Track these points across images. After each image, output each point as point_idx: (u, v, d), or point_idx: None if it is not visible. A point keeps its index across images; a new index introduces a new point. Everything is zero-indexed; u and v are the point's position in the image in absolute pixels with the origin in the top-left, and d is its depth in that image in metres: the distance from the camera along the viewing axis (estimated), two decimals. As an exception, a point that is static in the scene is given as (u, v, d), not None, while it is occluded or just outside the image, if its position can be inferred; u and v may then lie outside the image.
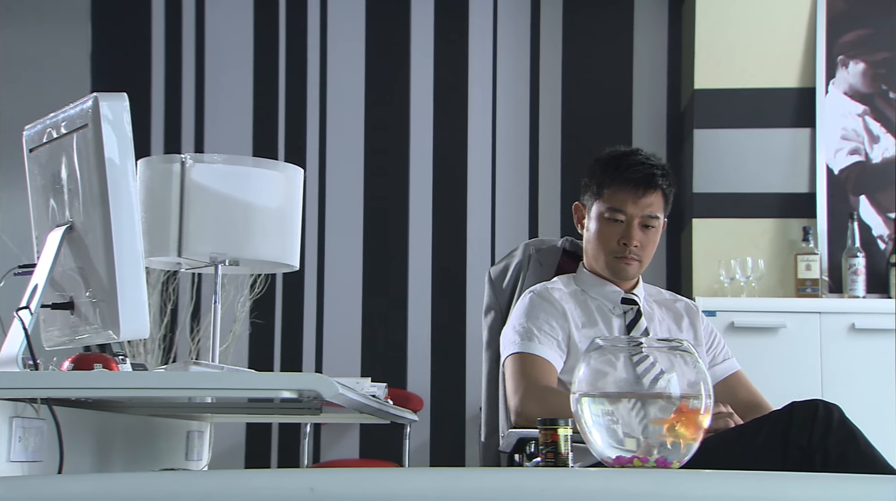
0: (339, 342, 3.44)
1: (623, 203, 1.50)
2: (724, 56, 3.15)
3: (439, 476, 0.89)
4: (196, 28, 3.53)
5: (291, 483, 0.89)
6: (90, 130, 1.08)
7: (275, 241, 1.75)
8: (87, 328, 1.13)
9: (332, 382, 0.99)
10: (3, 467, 0.99)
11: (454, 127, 3.48)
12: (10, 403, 1.01)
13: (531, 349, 1.44)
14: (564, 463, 0.98)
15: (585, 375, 0.98)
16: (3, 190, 3.45)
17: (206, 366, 1.12)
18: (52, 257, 1.11)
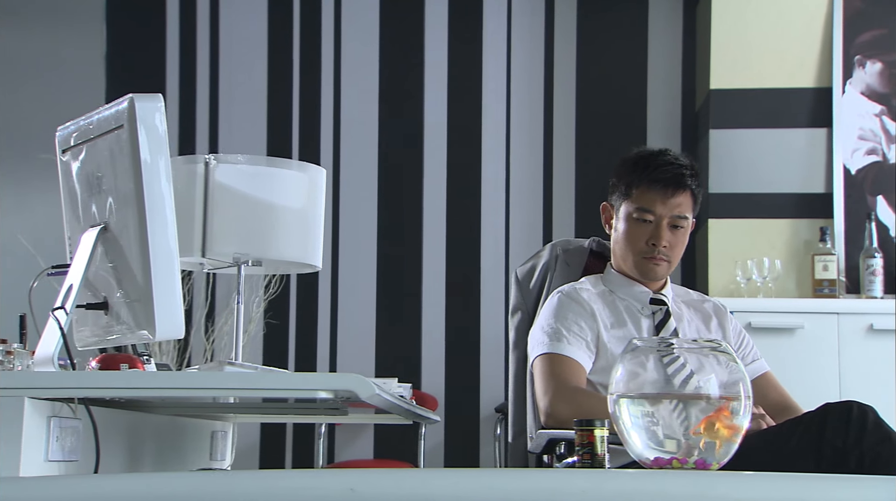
0: (353, 343, 3.44)
1: (652, 203, 1.50)
2: (740, 56, 3.14)
3: (479, 477, 0.89)
4: (210, 28, 3.54)
5: (332, 483, 0.89)
6: (125, 131, 1.08)
7: (297, 241, 1.75)
8: (121, 328, 1.14)
9: (368, 382, 0.99)
10: (42, 467, 0.99)
11: (468, 126, 3.48)
12: (47, 403, 1.02)
13: (560, 350, 1.44)
14: (601, 465, 0.98)
15: (623, 376, 0.98)
16: (20, 191, 3.46)
17: (241, 366, 1.13)
18: (87, 258, 1.11)
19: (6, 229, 3.37)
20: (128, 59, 3.53)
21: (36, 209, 3.44)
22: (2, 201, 3.47)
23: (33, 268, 3.20)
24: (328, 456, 3.36)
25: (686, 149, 3.45)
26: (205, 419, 1.61)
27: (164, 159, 1.09)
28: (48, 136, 4.05)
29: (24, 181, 3.45)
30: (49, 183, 3.48)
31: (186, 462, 1.52)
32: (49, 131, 4.11)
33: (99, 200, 1.14)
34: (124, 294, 1.11)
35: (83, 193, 1.17)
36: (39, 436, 0.99)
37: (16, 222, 3.36)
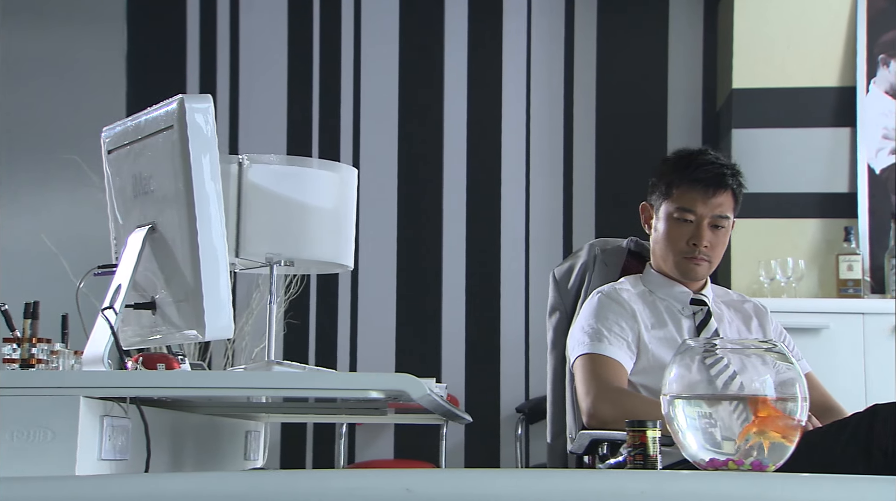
0: (373, 343, 3.45)
1: (693, 203, 1.50)
2: (762, 55, 3.13)
3: (536, 478, 0.89)
4: (231, 29, 3.55)
5: (387, 483, 0.89)
6: (175, 132, 1.09)
7: (330, 241, 1.76)
8: (169, 328, 1.14)
9: (420, 382, 0.99)
10: (95, 465, 1.00)
11: (488, 126, 3.47)
12: (99, 402, 1.02)
13: (601, 350, 1.43)
14: (653, 466, 0.98)
15: (676, 377, 0.98)
16: (42, 191, 3.48)
17: (289, 366, 1.13)
18: (136, 258, 1.12)
19: (28, 229, 3.38)
20: (148, 59, 3.55)
21: (58, 209, 3.46)
22: (24, 200, 3.49)
23: (56, 267, 3.23)
24: (348, 456, 3.37)
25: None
26: (240, 418, 1.62)
27: (213, 160, 1.10)
28: (69, 135, 4.05)
29: (45, 181, 3.47)
30: (70, 183, 3.52)
31: (224, 461, 1.52)
32: (70, 131, 4.12)
33: (146, 200, 1.14)
34: (172, 294, 1.12)
35: (130, 193, 1.18)
36: (93, 435, 0.99)
37: (38, 222, 3.38)
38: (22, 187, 3.49)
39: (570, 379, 1.50)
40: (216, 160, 1.10)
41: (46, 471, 0.94)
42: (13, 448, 0.95)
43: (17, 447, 0.95)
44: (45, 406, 0.96)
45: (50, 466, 0.94)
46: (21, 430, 0.95)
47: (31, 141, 3.50)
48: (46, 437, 0.95)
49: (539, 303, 3.42)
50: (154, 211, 1.13)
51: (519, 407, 3.33)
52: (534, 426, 3.35)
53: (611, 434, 1.27)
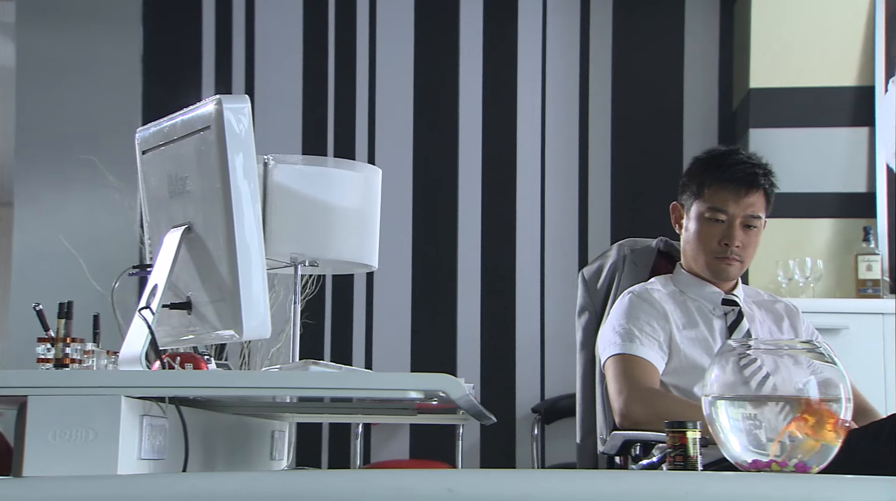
0: (389, 343, 3.45)
1: (724, 203, 1.49)
2: (780, 55, 3.12)
3: (578, 479, 0.89)
4: (246, 29, 3.55)
5: (429, 483, 0.89)
6: (213, 132, 1.09)
7: (354, 241, 1.76)
8: (204, 328, 1.14)
9: (460, 383, 0.99)
10: (135, 465, 1.00)
11: (503, 126, 3.47)
12: (138, 401, 1.02)
13: (632, 350, 1.43)
14: (694, 467, 0.98)
15: (719, 378, 0.98)
16: (60, 191, 3.49)
17: (325, 366, 1.13)
18: (172, 258, 1.12)
19: (46, 229, 3.39)
20: (164, 60, 3.56)
21: (75, 209, 3.47)
22: (42, 200, 3.50)
23: (74, 268, 3.24)
24: (364, 456, 3.37)
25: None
26: (266, 418, 1.62)
27: (249, 160, 1.10)
28: (86, 136, 4.06)
29: (63, 182, 3.48)
30: (88, 183, 3.53)
31: (251, 460, 1.53)
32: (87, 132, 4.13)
33: (182, 200, 1.15)
34: (208, 294, 1.12)
35: (165, 193, 1.18)
36: (133, 435, 0.99)
37: (56, 222, 3.39)
38: (40, 188, 3.50)
39: (601, 379, 1.50)
40: (253, 161, 1.10)
41: (88, 470, 0.94)
42: (55, 447, 0.95)
43: (60, 446, 0.95)
44: (87, 406, 0.97)
45: (92, 465, 0.95)
46: (63, 429, 0.95)
47: (48, 142, 3.51)
48: (88, 436, 0.95)
49: (555, 303, 3.42)
50: (190, 211, 1.14)
51: (535, 407, 3.32)
52: (550, 426, 3.35)
53: (644, 435, 1.27)
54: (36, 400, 0.97)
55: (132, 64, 3.52)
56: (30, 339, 3.69)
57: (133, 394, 1.02)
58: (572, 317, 3.39)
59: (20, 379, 0.99)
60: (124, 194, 3.28)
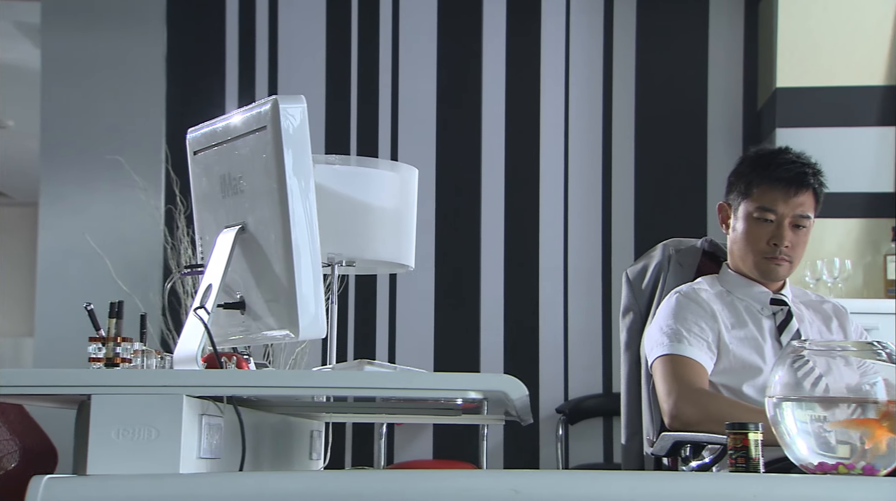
0: (412, 342, 3.45)
1: (773, 202, 1.49)
2: (807, 54, 3.10)
3: (643, 480, 0.88)
4: (269, 28, 3.56)
5: (495, 484, 0.89)
6: (269, 132, 1.09)
7: (391, 241, 1.76)
8: (259, 327, 1.14)
9: (519, 383, 0.99)
10: (194, 464, 1.00)
11: (527, 125, 3.47)
12: (197, 401, 1.03)
13: (681, 351, 1.43)
14: (756, 468, 0.97)
15: (784, 379, 0.97)
16: (85, 191, 3.51)
17: (380, 366, 1.13)
18: (227, 258, 1.12)
19: (73, 229, 3.41)
20: (188, 60, 3.57)
21: (101, 209, 3.49)
22: (67, 200, 3.52)
23: (100, 267, 3.25)
24: (387, 456, 3.37)
25: (748, 148, 3.41)
26: (306, 418, 1.62)
27: (306, 160, 1.10)
28: (112, 136, 4.08)
29: (88, 181, 3.50)
30: (114, 183, 3.55)
31: (293, 460, 1.53)
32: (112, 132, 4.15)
33: (236, 200, 1.15)
34: (262, 294, 1.12)
35: (218, 193, 1.18)
36: (193, 434, 1.00)
37: (82, 222, 3.41)
38: (65, 188, 3.52)
39: (647, 380, 1.49)
40: (308, 160, 1.11)
41: (151, 469, 0.95)
42: (118, 445, 0.95)
43: (123, 444, 0.95)
44: (150, 405, 0.97)
45: (155, 464, 0.95)
46: (126, 428, 0.96)
47: (73, 142, 3.53)
48: (150, 435, 0.96)
49: (578, 303, 3.41)
50: (244, 211, 1.14)
51: (559, 408, 3.32)
52: (574, 426, 3.34)
53: (695, 436, 1.26)
54: (99, 399, 0.97)
55: (156, 64, 3.54)
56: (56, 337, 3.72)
57: (194, 393, 1.02)
58: (596, 317, 3.43)
59: (84, 378, 1.00)
60: (150, 194, 3.30)
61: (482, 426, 3.19)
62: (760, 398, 1.43)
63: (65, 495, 0.89)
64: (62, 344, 3.41)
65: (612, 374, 3.38)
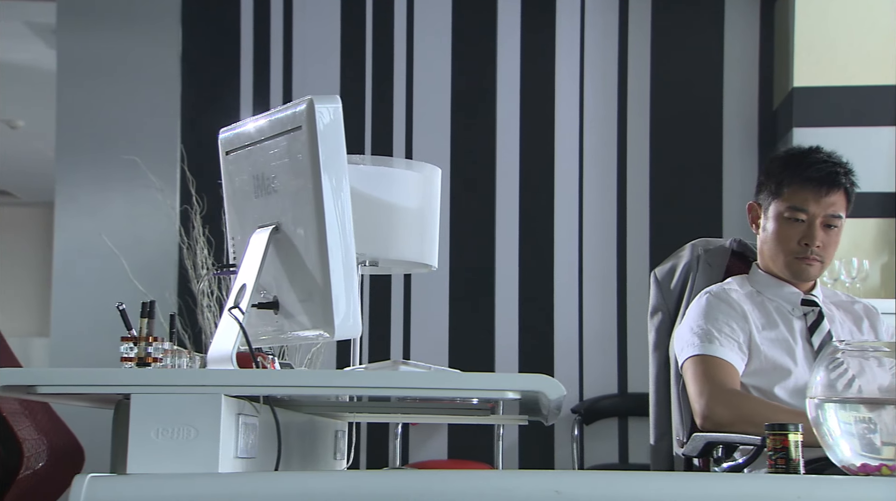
0: (426, 342, 3.45)
1: (805, 202, 1.48)
2: (824, 53, 3.09)
3: (687, 481, 0.88)
4: (284, 29, 3.57)
5: (537, 484, 0.89)
6: (304, 133, 1.09)
7: (415, 241, 1.76)
8: (293, 327, 1.14)
9: (557, 383, 0.98)
10: (232, 463, 1.00)
11: (541, 125, 3.47)
12: (234, 400, 1.03)
13: (712, 351, 1.42)
14: (796, 470, 0.97)
15: (826, 379, 0.97)
16: (101, 191, 3.52)
17: (414, 366, 1.13)
18: (261, 258, 1.12)
19: (89, 230, 3.42)
20: (203, 60, 3.58)
21: (117, 209, 3.50)
22: (83, 200, 3.53)
23: (116, 268, 3.26)
24: (402, 456, 3.37)
25: (763, 148, 3.41)
26: (331, 418, 1.62)
27: (342, 160, 1.10)
28: (128, 137, 4.08)
29: (104, 181, 3.51)
30: (130, 183, 3.55)
31: (318, 460, 1.53)
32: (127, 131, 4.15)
33: (270, 200, 1.15)
34: (296, 293, 1.12)
35: (251, 193, 1.18)
36: (230, 433, 1.00)
37: (97, 222, 3.41)
38: (81, 188, 3.54)
39: (676, 380, 1.49)
40: (344, 160, 1.11)
41: (191, 468, 0.95)
42: (158, 444, 0.95)
43: (162, 443, 0.95)
44: (189, 404, 0.97)
45: (194, 463, 0.95)
46: (165, 427, 0.96)
47: (89, 142, 3.54)
48: (190, 434, 0.96)
49: (593, 303, 3.41)
50: (277, 211, 1.14)
51: (574, 408, 3.31)
52: (588, 426, 3.34)
53: (728, 437, 1.26)
54: (139, 398, 0.97)
55: (171, 64, 3.55)
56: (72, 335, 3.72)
57: (233, 393, 1.02)
58: (611, 317, 3.43)
59: (125, 377, 1.00)
60: (166, 194, 3.30)
61: (497, 426, 3.18)
62: (792, 399, 1.43)
63: (108, 494, 0.89)
64: (78, 344, 3.42)
65: (626, 374, 3.37)
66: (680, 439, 1.48)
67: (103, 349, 3.34)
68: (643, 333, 3.37)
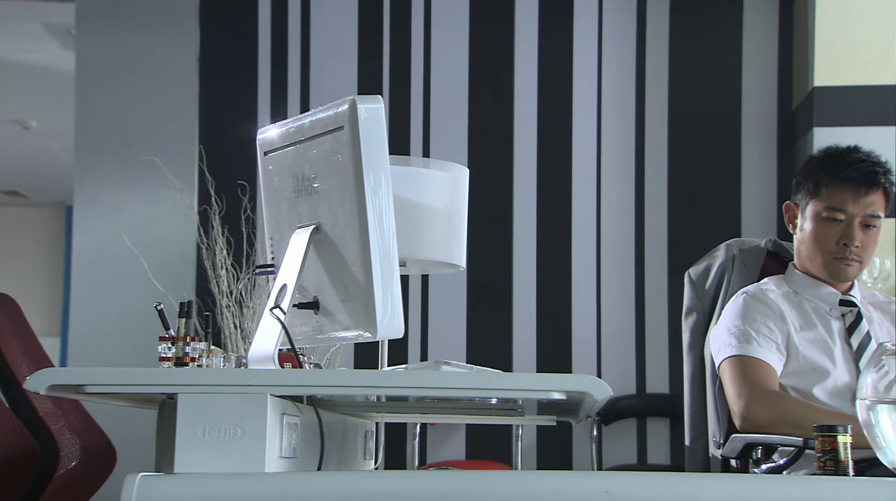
0: (444, 343, 3.45)
1: (843, 202, 1.47)
2: (844, 53, 3.08)
3: (739, 482, 0.88)
4: (301, 30, 3.57)
5: (587, 485, 0.89)
6: (346, 133, 1.09)
7: (443, 241, 1.77)
8: (334, 328, 1.14)
9: (603, 384, 0.98)
10: (276, 463, 1.00)
11: (559, 124, 3.46)
12: (278, 400, 1.03)
13: (750, 352, 1.42)
14: (845, 472, 0.96)
15: (875, 381, 0.96)
16: (121, 191, 3.53)
17: (456, 366, 1.13)
18: (302, 258, 1.12)
19: (109, 230, 3.43)
20: (221, 60, 3.58)
21: (136, 209, 3.51)
22: (102, 201, 3.54)
23: (135, 267, 3.27)
24: (420, 457, 3.37)
25: (782, 147, 3.40)
26: (360, 418, 1.62)
27: (384, 160, 1.10)
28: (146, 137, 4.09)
29: (124, 183, 3.52)
30: (149, 183, 3.56)
31: (351, 460, 1.53)
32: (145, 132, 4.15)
33: (310, 200, 1.15)
34: (338, 294, 1.12)
35: (290, 193, 1.18)
36: (275, 433, 1.00)
37: (118, 222, 3.43)
38: (100, 189, 3.55)
39: (712, 381, 1.48)
40: (386, 161, 1.10)
41: (238, 468, 0.95)
42: (204, 444, 0.95)
43: (209, 443, 0.95)
44: (236, 404, 0.97)
45: (241, 463, 0.95)
46: (212, 427, 0.96)
47: (108, 143, 3.55)
48: (236, 434, 0.96)
49: (611, 303, 3.40)
50: (318, 211, 1.14)
51: (593, 408, 3.30)
52: (607, 427, 3.33)
53: (768, 438, 1.25)
54: (186, 398, 0.97)
55: (189, 65, 3.56)
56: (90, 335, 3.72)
57: (278, 393, 1.02)
58: (629, 317, 3.41)
59: (172, 377, 1.00)
60: (184, 194, 3.31)
61: (516, 426, 3.18)
62: (830, 400, 1.42)
63: (159, 493, 0.89)
64: (96, 344, 3.43)
65: (645, 374, 3.36)
66: (717, 440, 1.47)
67: (122, 349, 3.36)
68: (661, 333, 3.39)
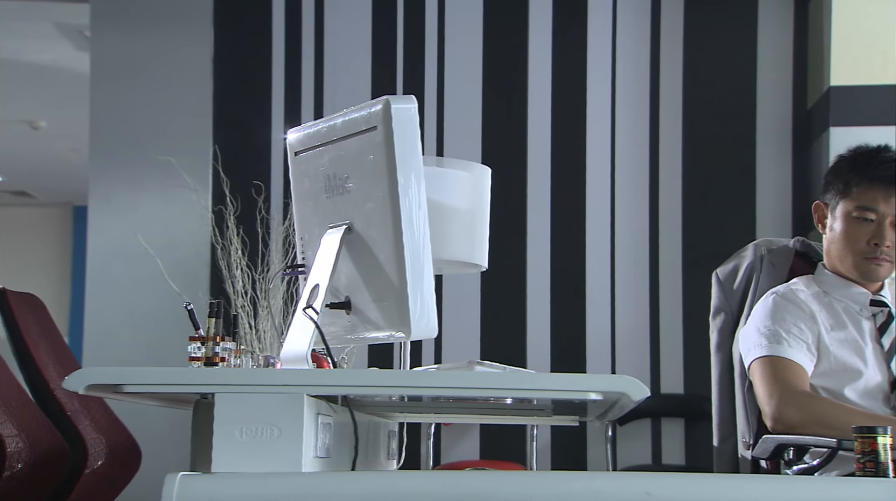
0: (458, 345, 3.44)
1: (874, 202, 1.47)
2: (861, 52, 3.06)
3: (781, 484, 0.87)
4: (315, 31, 3.57)
5: (628, 486, 0.89)
6: (379, 133, 1.09)
7: (465, 241, 1.76)
8: (367, 328, 1.14)
9: (640, 384, 0.98)
10: (312, 463, 1.00)
11: (573, 124, 3.46)
12: (313, 400, 1.03)
13: (781, 352, 1.41)
14: (885, 473, 0.96)
15: (916, 381, 0.96)
16: (135, 192, 3.54)
17: (489, 366, 1.13)
18: (334, 258, 1.12)
19: (123, 230, 3.44)
20: (235, 61, 3.59)
21: (151, 210, 3.52)
22: (117, 202, 3.55)
23: (150, 268, 3.28)
24: (434, 457, 3.37)
25: (797, 147, 3.38)
26: (384, 418, 1.62)
27: (417, 160, 1.10)
28: (161, 138, 4.10)
29: (139, 183, 3.53)
30: (164, 184, 3.57)
31: (376, 460, 1.53)
32: (160, 132, 4.17)
33: (342, 200, 1.15)
34: (371, 294, 1.12)
35: (322, 193, 1.18)
36: (311, 433, 1.00)
37: (132, 223, 3.44)
38: (115, 189, 3.56)
39: (741, 382, 1.48)
40: (419, 161, 1.10)
41: (275, 468, 0.95)
42: (241, 444, 0.96)
43: (246, 443, 0.96)
44: (272, 404, 0.97)
45: (278, 463, 0.95)
46: (249, 427, 0.96)
47: (122, 143, 3.56)
48: (273, 434, 0.96)
49: (625, 303, 3.39)
50: (350, 211, 1.14)
51: (607, 409, 3.30)
52: (622, 427, 3.33)
53: (800, 439, 1.25)
54: (223, 398, 0.97)
55: (203, 66, 3.56)
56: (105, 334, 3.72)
57: (314, 393, 1.02)
58: (643, 317, 3.41)
59: (209, 377, 1.00)
60: (199, 194, 3.32)
61: (530, 426, 3.18)
62: (862, 401, 1.41)
63: (199, 493, 0.89)
64: (112, 343, 3.44)
65: (659, 375, 3.36)
66: (746, 441, 1.47)
67: (137, 349, 3.37)
68: (676, 333, 3.38)
